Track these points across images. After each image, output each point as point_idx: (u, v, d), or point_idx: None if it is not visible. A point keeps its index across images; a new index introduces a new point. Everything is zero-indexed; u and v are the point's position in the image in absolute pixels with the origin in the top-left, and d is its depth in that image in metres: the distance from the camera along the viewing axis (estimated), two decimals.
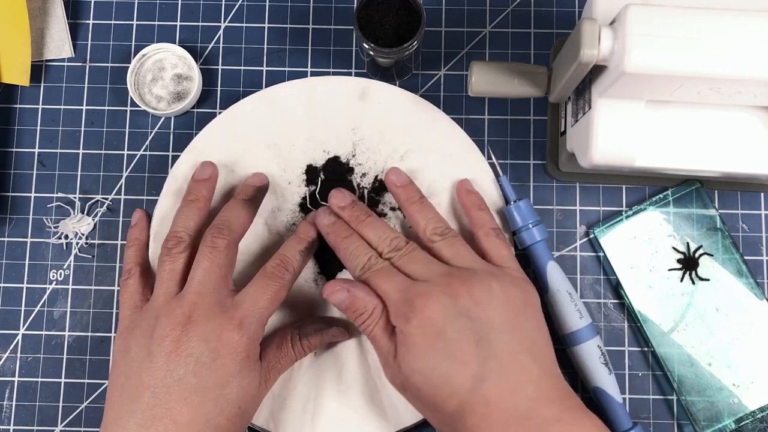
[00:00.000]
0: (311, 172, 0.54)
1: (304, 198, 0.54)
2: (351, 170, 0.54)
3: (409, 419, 0.51)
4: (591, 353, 0.51)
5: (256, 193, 0.52)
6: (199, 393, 0.43)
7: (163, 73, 0.56)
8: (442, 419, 0.44)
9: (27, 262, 0.56)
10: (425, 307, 0.43)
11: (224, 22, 0.58)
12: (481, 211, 0.51)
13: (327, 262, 0.53)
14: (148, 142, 0.57)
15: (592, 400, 0.53)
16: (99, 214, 0.56)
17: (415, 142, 0.54)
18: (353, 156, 0.55)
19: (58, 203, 0.56)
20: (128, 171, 0.57)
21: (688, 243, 0.54)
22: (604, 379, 0.51)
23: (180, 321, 0.44)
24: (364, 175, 0.54)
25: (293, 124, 0.55)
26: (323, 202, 0.54)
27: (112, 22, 0.58)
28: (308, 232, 0.50)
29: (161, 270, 0.47)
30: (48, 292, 0.55)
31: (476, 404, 0.42)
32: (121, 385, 0.44)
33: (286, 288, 0.47)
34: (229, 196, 0.53)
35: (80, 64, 0.58)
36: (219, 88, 0.57)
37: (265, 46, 0.58)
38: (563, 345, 0.52)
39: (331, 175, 0.54)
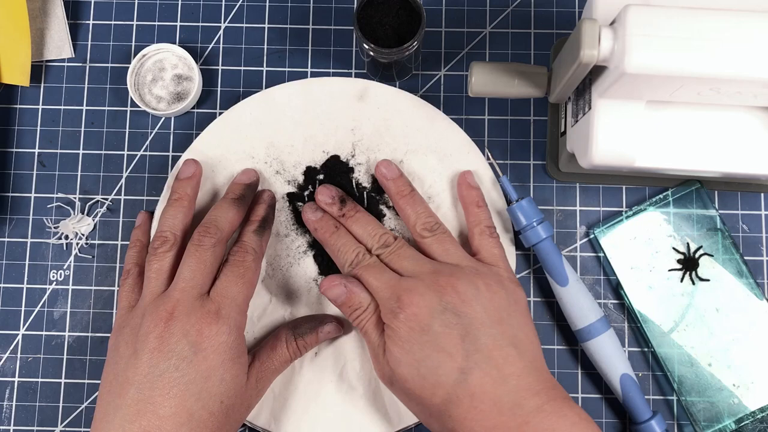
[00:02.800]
0: (310, 172, 0.54)
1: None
2: (351, 170, 0.54)
3: (411, 419, 0.51)
4: (614, 341, 0.51)
5: (244, 191, 0.52)
6: (181, 387, 0.43)
7: (163, 74, 0.56)
8: (429, 412, 0.44)
9: (27, 262, 0.56)
10: (412, 303, 0.44)
11: (224, 23, 0.58)
12: (480, 208, 0.52)
13: (327, 262, 0.53)
14: (148, 142, 0.57)
15: (614, 399, 0.53)
16: (99, 215, 0.56)
17: (415, 142, 0.54)
18: (353, 156, 0.55)
19: (58, 203, 0.56)
20: (128, 171, 0.57)
21: (688, 243, 0.54)
22: (629, 367, 0.51)
23: (163, 318, 0.45)
24: (363, 174, 0.54)
25: (293, 125, 0.55)
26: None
27: (112, 22, 0.58)
28: (257, 212, 0.51)
29: (148, 269, 0.48)
30: (48, 292, 0.55)
31: (462, 396, 0.42)
32: (110, 382, 0.45)
33: (252, 269, 0.48)
34: None
35: (80, 64, 0.58)
36: (219, 89, 0.57)
37: (265, 47, 0.58)
38: (582, 339, 0.52)
39: (330, 173, 0.54)
